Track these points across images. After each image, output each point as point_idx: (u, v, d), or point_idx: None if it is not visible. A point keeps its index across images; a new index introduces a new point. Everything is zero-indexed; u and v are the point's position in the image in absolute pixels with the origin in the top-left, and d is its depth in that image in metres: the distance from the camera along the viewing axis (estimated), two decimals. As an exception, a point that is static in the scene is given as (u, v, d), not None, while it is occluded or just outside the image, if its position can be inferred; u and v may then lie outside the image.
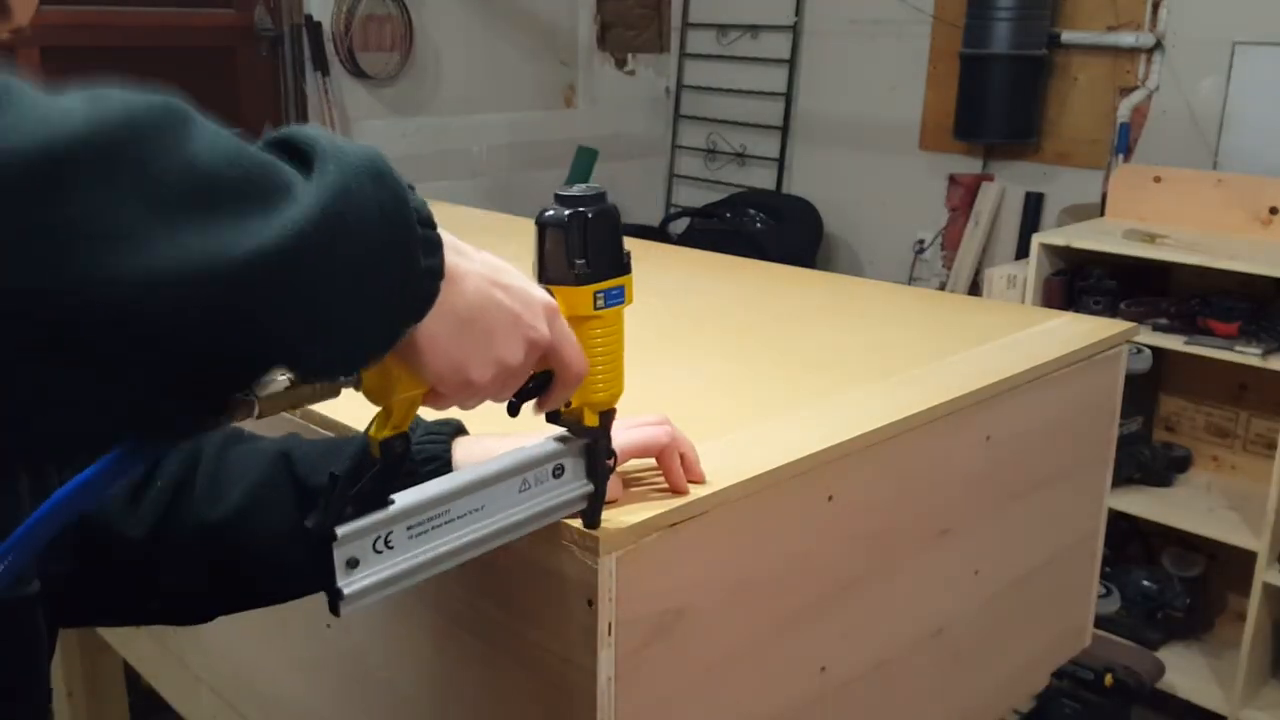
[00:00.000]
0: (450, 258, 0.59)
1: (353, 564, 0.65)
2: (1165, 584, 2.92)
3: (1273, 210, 2.77)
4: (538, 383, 0.71)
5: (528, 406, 0.73)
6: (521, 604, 0.85)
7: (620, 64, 4.70)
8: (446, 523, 0.70)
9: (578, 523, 0.79)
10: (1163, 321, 2.75)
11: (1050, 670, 1.42)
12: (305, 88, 3.73)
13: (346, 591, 0.64)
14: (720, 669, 0.91)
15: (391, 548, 0.67)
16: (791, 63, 4.40)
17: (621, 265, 0.74)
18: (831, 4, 4.28)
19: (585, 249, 0.71)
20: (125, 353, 0.47)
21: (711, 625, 0.89)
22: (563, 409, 0.75)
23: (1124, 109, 3.49)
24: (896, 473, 1.05)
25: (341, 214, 0.52)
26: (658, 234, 4.27)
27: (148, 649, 1.50)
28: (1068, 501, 1.37)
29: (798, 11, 4.36)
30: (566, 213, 0.71)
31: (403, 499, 0.68)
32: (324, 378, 0.58)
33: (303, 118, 3.73)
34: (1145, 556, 3.05)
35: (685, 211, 4.47)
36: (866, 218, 4.32)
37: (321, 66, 3.72)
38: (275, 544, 0.82)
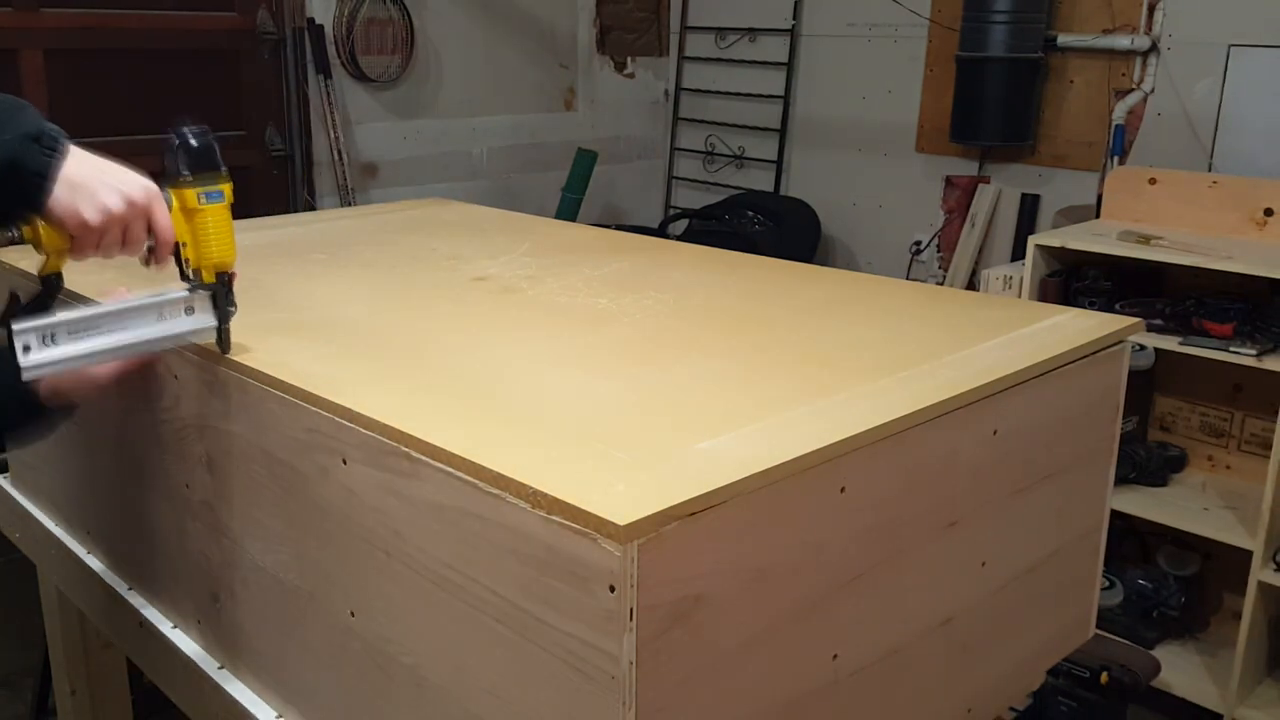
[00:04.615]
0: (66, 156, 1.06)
1: (26, 349, 1.05)
2: (1161, 583, 2.94)
3: (1267, 211, 2.80)
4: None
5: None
6: (545, 590, 0.86)
7: (619, 67, 4.73)
8: (98, 333, 1.10)
9: (599, 509, 0.81)
10: (1158, 322, 2.77)
11: (1055, 661, 1.44)
12: (307, 90, 3.74)
13: (24, 364, 1.05)
14: (737, 654, 0.93)
15: (55, 342, 1.07)
16: (789, 66, 4.43)
17: (218, 176, 1.14)
18: (829, 7, 4.31)
19: (190, 165, 1.12)
20: None
21: (729, 612, 0.91)
22: (187, 269, 1.14)
23: (1119, 111, 3.51)
24: (906, 465, 1.07)
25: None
26: (657, 235, 4.28)
27: (152, 641, 1.51)
28: (1072, 495, 1.39)
29: (795, 15, 4.38)
30: (176, 141, 1.12)
31: (61, 313, 1.08)
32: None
33: (305, 120, 3.75)
34: (1141, 556, 3.07)
35: (684, 213, 4.49)
36: (864, 219, 4.34)
37: (323, 69, 3.74)
38: None
